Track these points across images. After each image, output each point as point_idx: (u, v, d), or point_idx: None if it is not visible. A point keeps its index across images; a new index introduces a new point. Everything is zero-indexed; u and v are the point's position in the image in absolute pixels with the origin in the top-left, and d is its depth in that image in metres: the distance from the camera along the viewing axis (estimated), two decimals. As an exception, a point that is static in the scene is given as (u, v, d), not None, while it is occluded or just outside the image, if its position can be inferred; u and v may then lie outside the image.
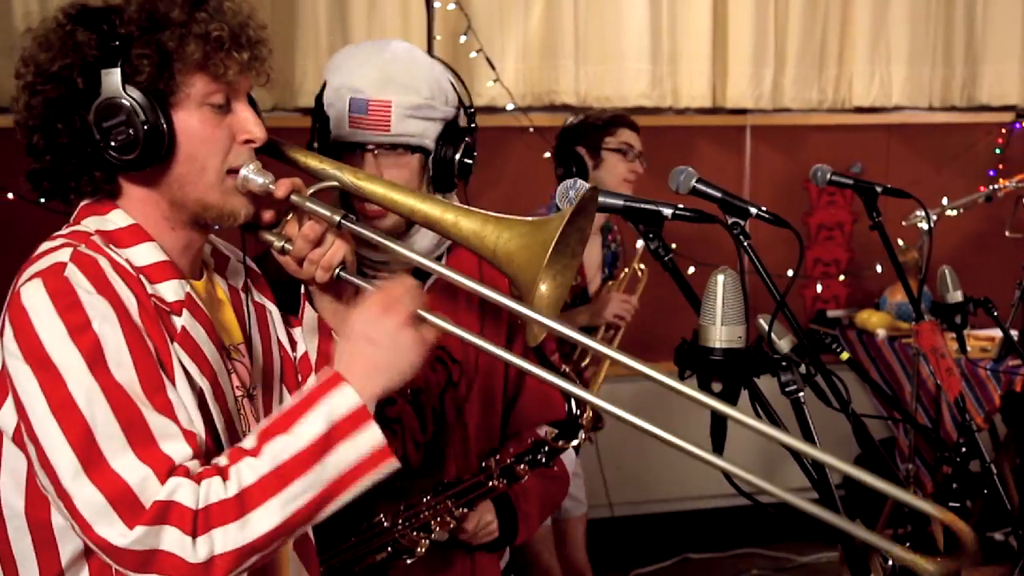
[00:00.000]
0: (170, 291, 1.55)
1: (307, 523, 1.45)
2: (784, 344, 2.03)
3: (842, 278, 5.38)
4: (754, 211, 1.88)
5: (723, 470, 1.38)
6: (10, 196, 2.92)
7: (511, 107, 4.70)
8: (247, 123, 1.59)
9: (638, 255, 3.87)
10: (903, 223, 3.89)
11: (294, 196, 1.62)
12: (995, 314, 2.79)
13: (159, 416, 1.43)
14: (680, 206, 1.77)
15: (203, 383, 1.53)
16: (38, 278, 1.45)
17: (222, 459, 1.45)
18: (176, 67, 1.51)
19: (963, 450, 2.49)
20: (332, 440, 1.43)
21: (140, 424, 1.41)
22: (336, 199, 1.96)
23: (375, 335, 1.48)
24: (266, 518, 1.40)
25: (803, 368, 1.81)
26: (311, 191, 1.64)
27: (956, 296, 2.78)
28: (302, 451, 1.42)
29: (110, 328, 1.44)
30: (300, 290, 1.78)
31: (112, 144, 1.51)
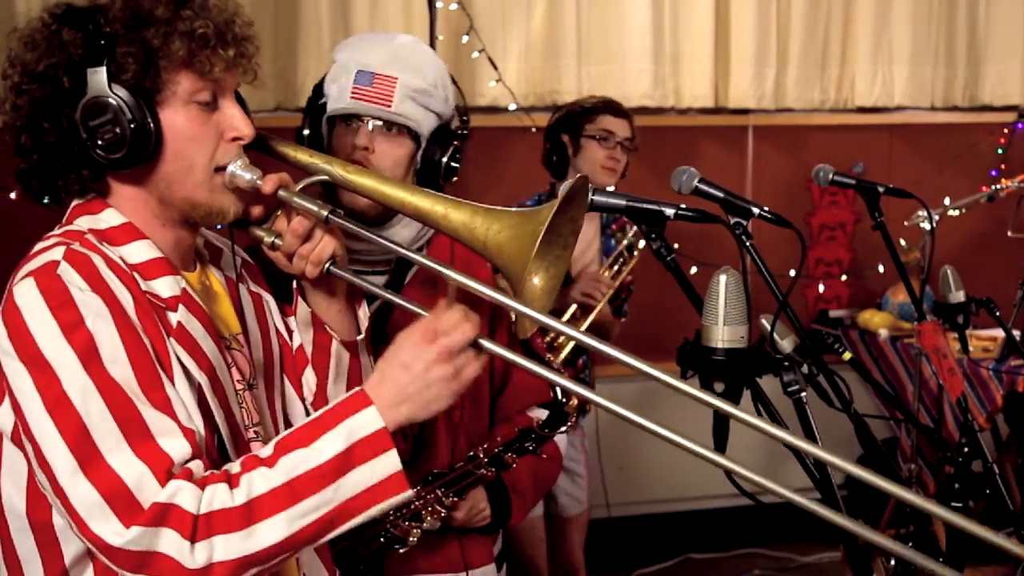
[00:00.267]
0: (165, 287, 1.55)
1: (312, 542, 1.43)
2: (786, 344, 2.03)
3: (844, 278, 5.38)
4: (756, 211, 1.88)
5: (724, 467, 1.38)
6: (12, 196, 2.92)
7: (513, 107, 4.70)
8: (234, 120, 1.58)
9: (628, 235, 3.63)
10: (905, 223, 3.88)
11: (282, 192, 1.61)
12: (997, 314, 2.79)
13: (156, 412, 1.42)
14: (682, 206, 1.77)
15: (201, 378, 1.52)
16: (31, 277, 1.45)
17: (235, 466, 1.44)
18: (161, 65, 1.51)
19: (965, 450, 2.49)
20: (351, 461, 1.42)
21: (136, 420, 1.40)
22: (320, 192, 1.95)
23: (411, 363, 1.46)
24: (272, 531, 1.39)
25: (805, 368, 1.81)
26: (300, 186, 1.64)
27: (958, 296, 2.77)
28: (318, 468, 1.41)
29: (104, 325, 1.43)
30: (292, 283, 1.77)
31: (99, 143, 1.51)
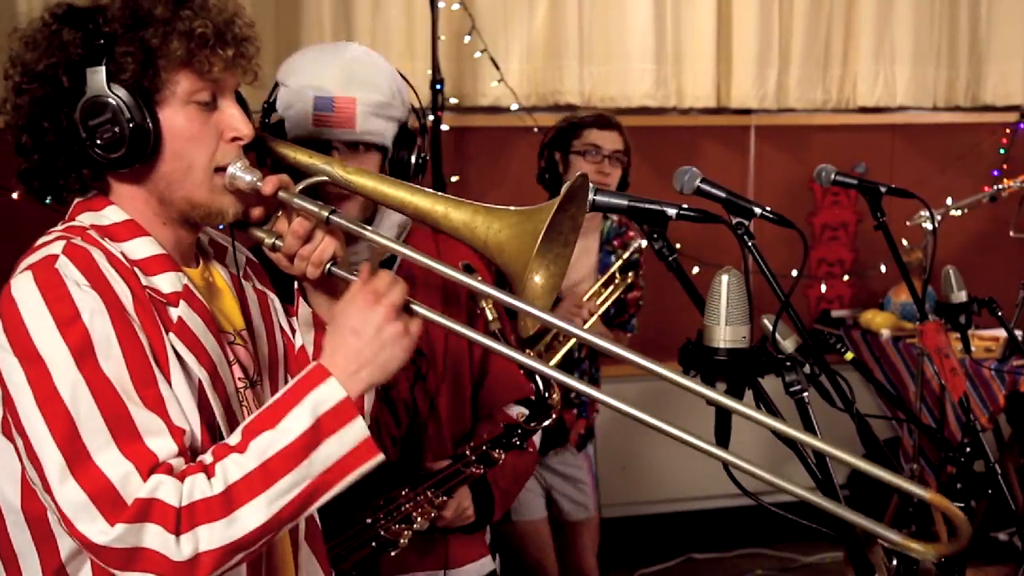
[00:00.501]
0: (166, 283, 1.55)
1: (294, 519, 1.45)
2: (788, 344, 2.03)
3: (846, 278, 5.37)
4: (758, 211, 1.88)
5: (725, 461, 1.39)
6: (14, 196, 2.92)
7: (515, 107, 4.70)
8: (233, 120, 1.58)
9: (619, 261, 3.53)
10: (907, 223, 3.88)
11: (281, 193, 1.61)
12: (999, 314, 2.79)
13: (146, 412, 1.42)
14: (684, 206, 1.77)
15: (201, 374, 1.52)
16: (29, 270, 1.46)
17: (207, 456, 1.44)
18: (160, 64, 1.51)
19: (967, 450, 2.48)
20: (319, 435, 1.43)
21: (125, 419, 1.40)
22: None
23: (360, 328, 1.48)
24: (253, 515, 1.40)
25: (807, 368, 1.81)
26: (299, 187, 1.64)
27: (960, 296, 2.77)
28: (289, 447, 1.42)
29: (100, 321, 1.43)
30: (293, 284, 1.77)
31: (98, 142, 1.51)
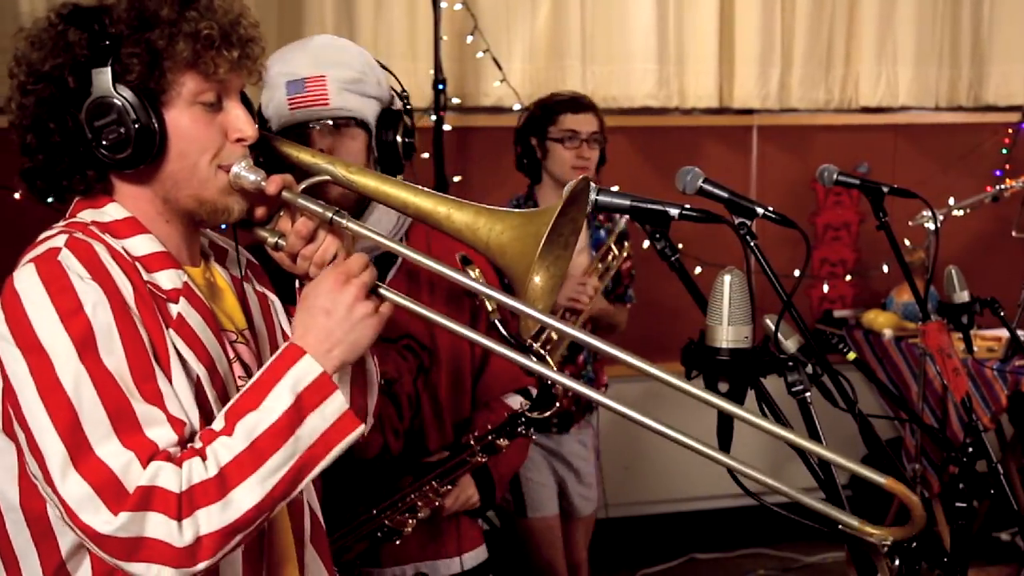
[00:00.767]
0: (167, 279, 1.55)
1: (287, 496, 1.46)
2: (791, 344, 2.03)
3: (848, 278, 5.37)
4: (761, 211, 1.88)
5: (727, 466, 1.39)
6: (16, 196, 2.92)
7: (518, 107, 4.70)
8: (238, 121, 1.59)
9: (614, 234, 3.49)
10: (910, 223, 3.88)
11: (285, 192, 1.62)
12: (1002, 314, 2.78)
13: (146, 404, 1.43)
14: (687, 206, 1.77)
15: (200, 370, 1.53)
16: (32, 263, 1.46)
17: (196, 442, 1.45)
18: (166, 65, 1.51)
19: (970, 450, 2.48)
20: (301, 412, 1.45)
21: (127, 411, 1.41)
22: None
23: (331, 308, 1.50)
24: (247, 495, 1.41)
25: (810, 368, 1.81)
26: (302, 187, 1.64)
27: (962, 296, 2.77)
28: (274, 425, 1.43)
29: (102, 313, 1.44)
30: (294, 284, 1.77)
31: (104, 143, 1.51)
